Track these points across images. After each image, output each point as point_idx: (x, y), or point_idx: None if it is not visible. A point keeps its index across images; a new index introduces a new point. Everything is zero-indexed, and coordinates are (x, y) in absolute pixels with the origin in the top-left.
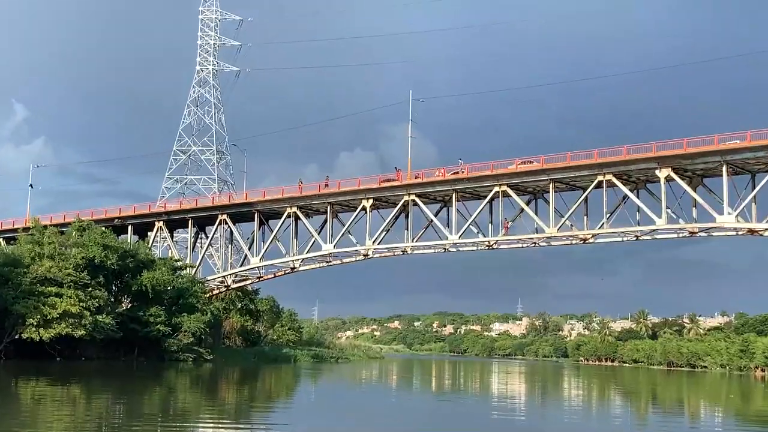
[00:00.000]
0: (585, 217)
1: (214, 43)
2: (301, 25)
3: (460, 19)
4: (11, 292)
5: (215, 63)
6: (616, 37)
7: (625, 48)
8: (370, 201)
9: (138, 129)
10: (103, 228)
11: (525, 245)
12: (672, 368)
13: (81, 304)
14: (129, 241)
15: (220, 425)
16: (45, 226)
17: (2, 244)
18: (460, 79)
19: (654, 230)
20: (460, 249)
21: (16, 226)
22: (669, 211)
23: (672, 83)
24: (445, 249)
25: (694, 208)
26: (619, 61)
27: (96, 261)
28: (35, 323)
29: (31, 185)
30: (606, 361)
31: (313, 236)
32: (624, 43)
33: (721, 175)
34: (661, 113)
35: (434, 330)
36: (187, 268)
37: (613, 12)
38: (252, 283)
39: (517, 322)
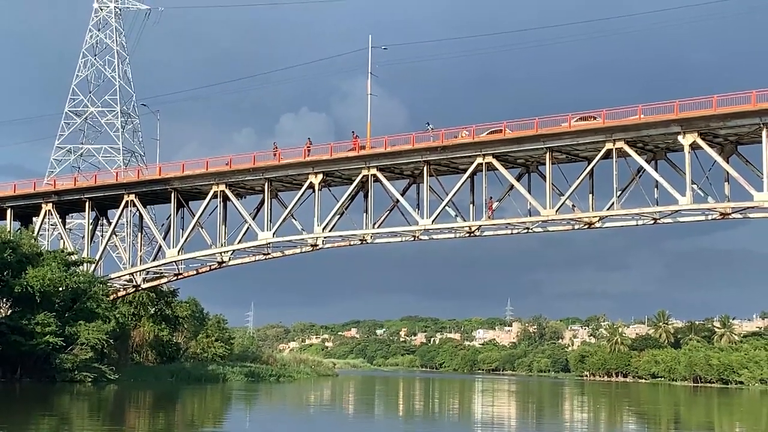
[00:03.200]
0: (590, 196)
1: None
2: None
3: None
4: None
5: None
6: None
7: None
8: (320, 176)
9: (20, 84)
10: None
11: (515, 231)
12: (699, 384)
13: None
14: (9, 229)
15: None
16: None
17: None
18: (442, 17)
19: (676, 211)
20: (434, 237)
21: None
22: (695, 187)
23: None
24: (414, 237)
25: (726, 184)
26: None
27: None
28: None
29: None
30: (617, 376)
31: (246, 222)
32: None
33: (761, 142)
34: (702, 60)
35: (402, 339)
36: (85, 264)
37: None
38: (168, 281)
39: (506, 328)
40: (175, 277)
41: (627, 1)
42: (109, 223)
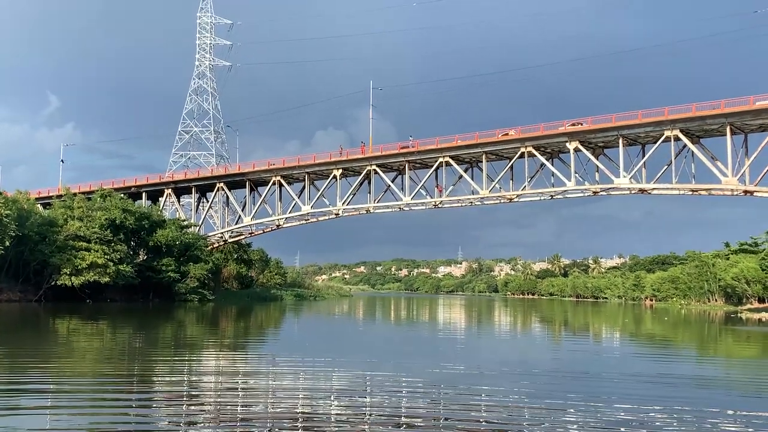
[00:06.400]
0: (511, 182)
1: (209, 43)
2: (283, 27)
3: (420, 22)
4: (48, 247)
5: (211, 59)
6: (541, 40)
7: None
8: (340, 170)
9: (149, 114)
10: (122, 195)
11: (463, 204)
12: (580, 299)
13: (106, 256)
14: (144, 205)
15: (221, 351)
16: (75, 194)
17: (40, 208)
18: (415, 70)
19: (565, 191)
20: (412, 208)
21: (51, 194)
22: (577, 175)
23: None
24: (400, 208)
25: (596, 173)
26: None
27: (117, 221)
28: (68, 272)
29: (62, 160)
30: (528, 294)
31: (294, 199)
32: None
33: (618, 147)
34: (579, 94)
35: (392, 273)
36: (192, 227)
37: (537, 19)
38: (245, 237)
39: (458, 265)
40: (250, 235)
41: (535, 54)
42: (207, 201)
